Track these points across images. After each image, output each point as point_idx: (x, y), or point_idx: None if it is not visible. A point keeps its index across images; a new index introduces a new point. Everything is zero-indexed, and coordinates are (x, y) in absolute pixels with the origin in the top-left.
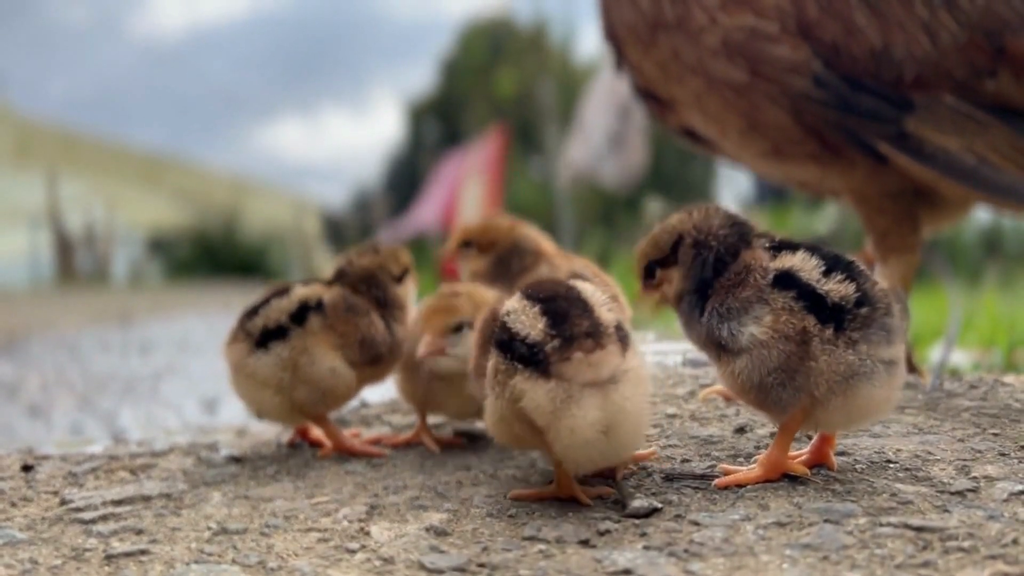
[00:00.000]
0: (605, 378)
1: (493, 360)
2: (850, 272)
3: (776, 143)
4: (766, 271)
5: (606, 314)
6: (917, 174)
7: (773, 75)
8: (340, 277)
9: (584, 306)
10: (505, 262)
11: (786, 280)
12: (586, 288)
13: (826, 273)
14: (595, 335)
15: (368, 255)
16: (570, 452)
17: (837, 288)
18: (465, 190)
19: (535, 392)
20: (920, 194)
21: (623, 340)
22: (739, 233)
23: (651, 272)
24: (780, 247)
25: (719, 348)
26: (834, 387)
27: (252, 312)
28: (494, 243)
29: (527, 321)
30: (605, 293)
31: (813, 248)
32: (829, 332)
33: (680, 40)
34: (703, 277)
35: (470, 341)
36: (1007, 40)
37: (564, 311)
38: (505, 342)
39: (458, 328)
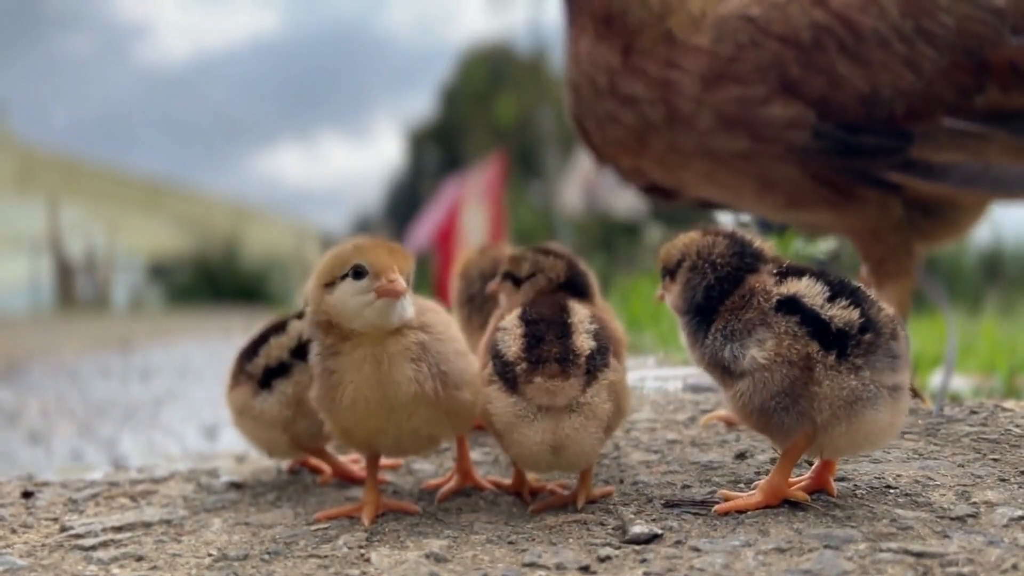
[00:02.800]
0: (561, 405)
1: (488, 367)
2: (855, 298)
3: (790, 196)
4: (770, 295)
5: (584, 342)
6: (933, 193)
7: (773, 135)
8: None
9: (563, 331)
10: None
11: (790, 305)
12: (577, 312)
13: (831, 299)
14: (563, 363)
15: None
16: (519, 459)
17: (841, 314)
18: (467, 217)
19: (499, 402)
20: (926, 213)
21: (591, 371)
22: (742, 262)
23: (664, 277)
24: (787, 272)
25: (723, 370)
26: (837, 412)
27: (251, 352)
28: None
29: (510, 341)
30: (596, 320)
31: (819, 274)
32: (832, 358)
33: (673, 133)
34: (697, 301)
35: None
36: (987, 53)
37: (542, 335)
38: (494, 354)
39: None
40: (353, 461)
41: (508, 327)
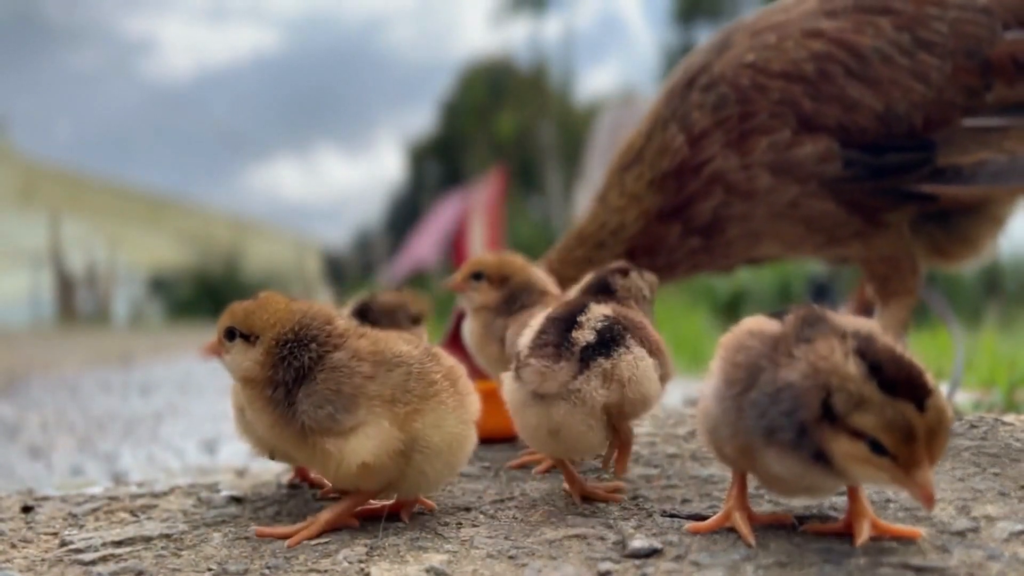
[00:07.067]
0: (552, 391)
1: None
2: None
3: (830, 233)
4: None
5: (584, 335)
6: (967, 197)
7: (808, 172)
8: (362, 313)
9: (568, 324)
10: (514, 298)
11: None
12: (593, 309)
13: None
14: (557, 348)
15: (391, 294)
16: (528, 441)
17: None
18: (471, 231)
19: (508, 388)
20: (946, 231)
21: (584, 360)
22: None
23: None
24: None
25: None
26: None
27: None
28: (508, 278)
29: (528, 333)
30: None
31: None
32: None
33: (746, 207)
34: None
35: (245, 354)
36: (987, 52)
37: (548, 327)
38: (516, 346)
39: (230, 335)
40: None
41: (532, 324)
